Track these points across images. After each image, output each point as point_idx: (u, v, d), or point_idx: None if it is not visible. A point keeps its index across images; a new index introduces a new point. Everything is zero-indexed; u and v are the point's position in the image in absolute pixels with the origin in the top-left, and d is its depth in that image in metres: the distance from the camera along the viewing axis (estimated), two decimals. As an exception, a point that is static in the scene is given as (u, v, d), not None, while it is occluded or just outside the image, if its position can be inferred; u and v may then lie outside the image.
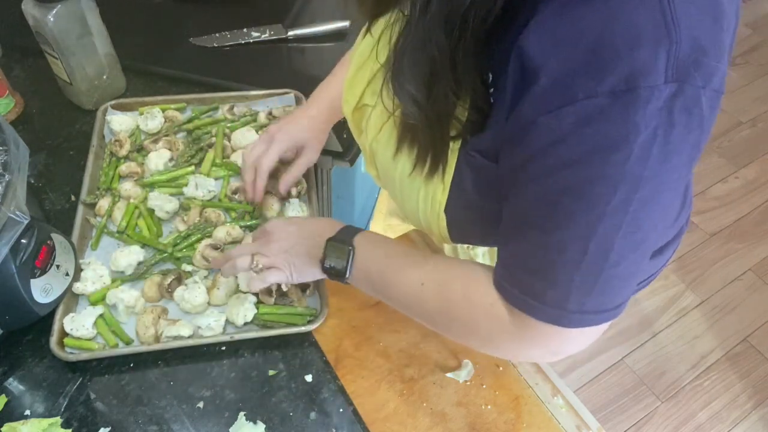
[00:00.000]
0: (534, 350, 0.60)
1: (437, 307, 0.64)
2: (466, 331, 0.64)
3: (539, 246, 0.53)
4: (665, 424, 1.75)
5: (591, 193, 0.48)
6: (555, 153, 0.47)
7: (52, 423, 0.69)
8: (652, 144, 0.45)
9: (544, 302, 0.54)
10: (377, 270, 0.69)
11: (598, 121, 0.44)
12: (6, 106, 1.02)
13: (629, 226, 0.49)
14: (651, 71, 0.42)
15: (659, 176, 0.47)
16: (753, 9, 3.09)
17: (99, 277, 0.80)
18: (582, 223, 0.49)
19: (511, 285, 0.57)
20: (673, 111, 0.44)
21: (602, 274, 0.51)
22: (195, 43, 1.18)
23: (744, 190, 2.32)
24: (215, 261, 0.81)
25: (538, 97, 0.47)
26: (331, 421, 0.71)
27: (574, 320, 0.55)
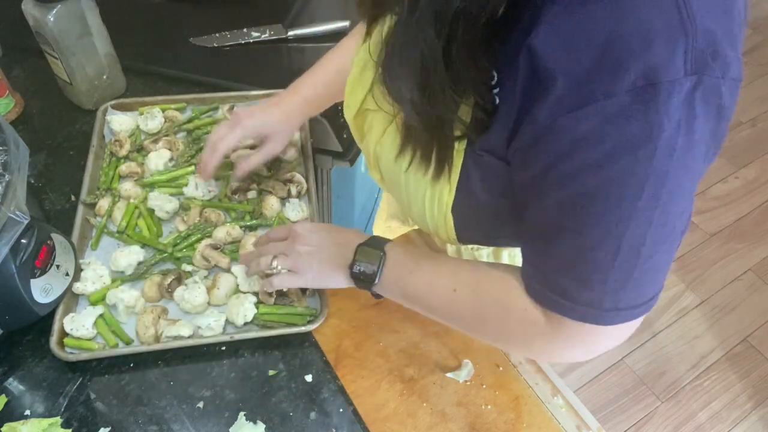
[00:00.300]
0: (571, 351, 0.61)
1: (471, 312, 0.65)
2: (502, 336, 0.65)
3: (571, 248, 0.53)
4: (665, 424, 1.75)
5: (619, 192, 0.48)
6: (578, 155, 0.47)
7: (52, 423, 0.69)
8: (677, 138, 0.45)
9: (579, 302, 0.54)
10: (408, 277, 0.69)
11: (620, 119, 0.44)
12: (6, 106, 1.02)
13: (659, 219, 0.49)
14: (670, 65, 0.42)
15: (684, 167, 0.47)
16: (753, 9, 3.09)
17: (99, 277, 0.80)
18: (612, 222, 0.49)
19: (543, 287, 0.57)
20: (695, 103, 0.44)
21: (635, 269, 0.52)
22: (195, 43, 1.18)
23: (744, 190, 2.32)
24: (244, 257, 0.81)
25: (555, 100, 0.46)
26: (331, 421, 0.71)
27: (610, 318, 0.55)
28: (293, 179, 0.93)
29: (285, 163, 0.98)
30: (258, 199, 0.92)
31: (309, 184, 0.94)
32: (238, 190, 0.93)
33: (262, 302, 0.80)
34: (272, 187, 0.92)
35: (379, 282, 0.69)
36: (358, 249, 0.70)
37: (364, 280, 0.70)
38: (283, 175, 0.94)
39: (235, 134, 0.86)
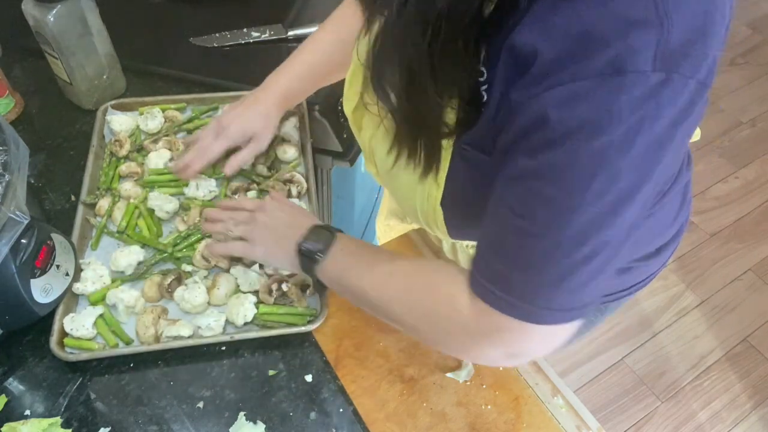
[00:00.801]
0: (491, 349, 0.58)
1: (399, 296, 0.64)
2: (423, 322, 0.63)
3: (513, 232, 0.51)
4: (665, 424, 1.75)
5: (569, 178, 0.46)
6: (537, 135, 0.46)
7: (52, 423, 0.69)
8: (637, 135, 0.44)
9: (512, 294, 0.52)
10: (349, 259, 0.69)
11: (582, 103, 0.44)
12: (6, 106, 1.02)
13: (605, 218, 0.47)
14: (638, 57, 0.42)
15: (640, 169, 0.46)
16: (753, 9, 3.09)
17: (99, 277, 0.80)
18: (557, 211, 0.48)
19: (481, 275, 0.55)
20: (661, 101, 0.43)
21: (575, 269, 0.50)
22: (195, 43, 1.18)
23: (744, 190, 2.32)
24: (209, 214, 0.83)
25: (527, 81, 0.46)
26: (331, 421, 0.71)
27: (539, 316, 0.52)
28: (293, 179, 0.93)
29: (285, 163, 0.98)
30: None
31: (309, 184, 0.94)
32: (238, 190, 0.93)
33: (262, 302, 0.80)
34: (272, 187, 0.92)
35: (323, 262, 0.69)
36: (312, 228, 0.72)
37: (310, 258, 0.70)
38: (283, 175, 0.94)
39: (221, 144, 0.89)
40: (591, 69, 0.43)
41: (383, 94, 0.55)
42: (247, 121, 0.89)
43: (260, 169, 0.96)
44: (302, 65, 0.90)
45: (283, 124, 1.01)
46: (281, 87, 0.90)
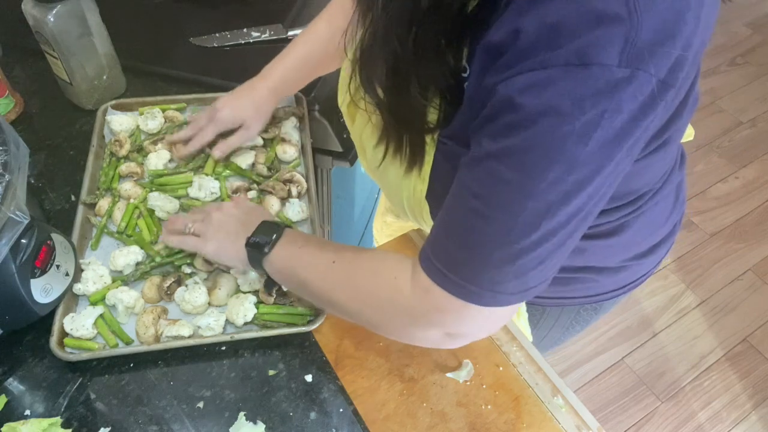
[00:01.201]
0: (431, 330, 0.59)
1: (342, 283, 0.65)
2: (365, 307, 0.64)
3: (467, 213, 0.52)
4: (665, 424, 1.75)
5: (528, 164, 0.47)
6: (501, 118, 0.47)
7: (52, 423, 0.69)
8: (597, 127, 0.44)
9: (458, 273, 0.53)
10: (296, 250, 0.71)
11: (547, 90, 0.44)
12: (6, 106, 1.02)
13: (557, 208, 0.48)
14: (605, 51, 0.43)
15: (596, 162, 0.46)
16: (753, 9, 3.09)
17: (99, 277, 0.80)
18: (513, 196, 0.49)
19: (431, 251, 0.56)
20: (623, 97, 0.44)
21: (521, 254, 0.50)
22: (195, 43, 1.18)
23: (744, 190, 2.32)
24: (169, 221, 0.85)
25: (499, 67, 0.47)
26: (331, 421, 0.71)
27: (484, 297, 0.53)
28: (293, 179, 0.93)
29: (285, 163, 0.98)
30: (258, 199, 0.92)
31: (309, 184, 0.94)
32: (238, 190, 0.93)
33: (262, 302, 0.80)
34: (272, 187, 0.92)
35: (269, 254, 0.71)
36: (262, 223, 0.74)
37: (256, 250, 0.72)
38: (283, 175, 0.94)
39: (213, 128, 0.93)
40: (558, 58, 0.44)
41: (370, 89, 0.57)
42: (239, 108, 0.93)
43: (260, 169, 0.96)
44: (297, 56, 0.93)
45: (283, 124, 1.01)
46: (276, 77, 0.93)
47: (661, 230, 0.79)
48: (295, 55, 0.93)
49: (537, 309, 0.86)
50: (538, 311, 0.87)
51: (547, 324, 0.90)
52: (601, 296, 0.84)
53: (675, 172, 0.75)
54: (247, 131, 0.94)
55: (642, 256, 0.80)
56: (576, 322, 0.91)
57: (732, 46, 2.88)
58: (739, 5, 3.11)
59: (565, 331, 0.94)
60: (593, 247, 0.74)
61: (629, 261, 0.79)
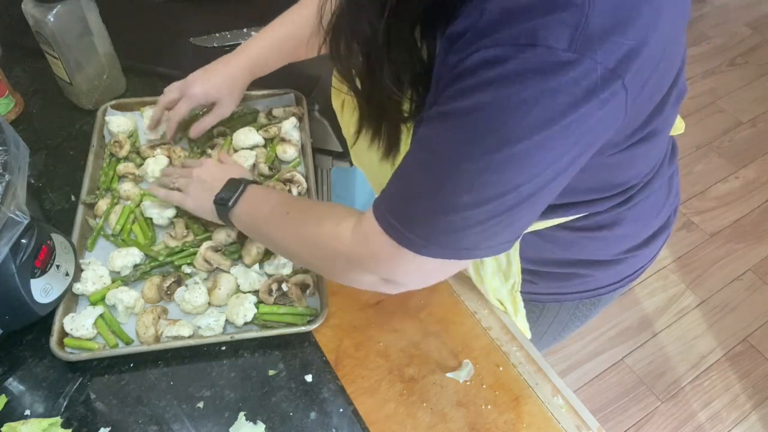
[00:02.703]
0: (366, 275, 0.64)
1: (294, 231, 0.70)
2: (308, 252, 0.70)
3: (411, 163, 0.56)
4: (665, 424, 1.75)
5: (467, 127, 0.49)
6: (455, 85, 0.50)
7: (52, 423, 0.69)
8: (535, 104, 0.46)
9: (395, 217, 0.57)
10: (257, 203, 0.76)
11: (495, 67, 0.46)
12: (6, 106, 1.02)
13: (492, 175, 0.50)
14: (553, 33, 0.44)
15: (535, 139, 0.48)
16: (753, 9, 3.09)
17: (99, 277, 0.80)
18: (450, 155, 0.51)
19: (381, 200, 0.59)
20: (565, 80, 0.45)
21: (452, 210, 0.53)
22: (195, 43, 1.18)
23: (744, 190, 2.32)
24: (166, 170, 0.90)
25: (461, 46, 0.49)
26: (331, 421, 0.71)
27: (414, 243, 0.56)
28: (293, 179, 0.93)
29: (285, 163, 0.98)
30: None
31: (309, 184, 0.94)
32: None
33: (262, 302, 0.80)
34: (273, 187, 0.92)
35: (234, 209, 0.77)
36: (228, 180, 0.79)
37: (222, 205, 0.78)
38: (283, 175, 0.94)
39: (185, 105, 0.93)
40: (509, 36, 0.45)
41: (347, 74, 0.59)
42: (212, 85, 0.92)
43: (262, 169, 0.96)
44: (275, 35, 0.93)
45: (283, 124, 1.01)
46: (251, 54, 0.93)
47: (655, 222, 0.80)
48: (273, 35, 0.93)
49: (536, 306, 0.86)
50: (537, 308, 0.87)
51: (546, 320, 0.90)
52: (599, 290, 0.84)
53: (666, 165, 0.76)
54: (221, 108, 0.94)
55: (637, 249, 0.80)
56: (575, 317, 0.91)
57: (732, 46, 2.88)
58: (739, 5, 3.11)
59: (564, 327, 0.94)
60: (586, 240, 0.74)
61: (625, 254, 0.80)
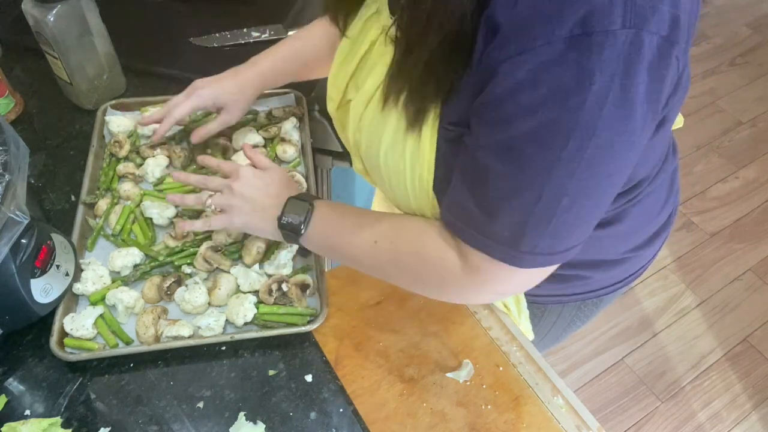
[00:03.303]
0: (482, 294, 0.65)
1: (390, 262, 0.68)
2: (418, 283, 0.69)
3: (498, 191, 0.55)
4: (665, 424, 1.75)
5: (546, 139, 0.49)
6: (513, 99, 0.48)
7: (52, 423, 0.69)
8: (608, 92, 0.45)
9: (500, 242, 0.57)
10: (332, 228, 0.72)
11: (555, 67, 0.45)
12: (6, 106, 1.02)
13: (583, 172, 0.50)
14: (607, 15, 0.43)
15: (615, 125, 0.47)
16: (753, 9, 3.09)
17: (99, 277, 0.80)
18: (538, 168, 0.51)
19: (467, 226, 0.59)
20: (630, 59, 0.44)
21: (555, 217, 0.53)
22: (195, 43, 1.18)
23: (744, 190, 2.32)
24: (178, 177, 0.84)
25: (499, 46, 0.48)
26: (331, 421, 0.71)
27: (526, 260, 0.57)
28: (293, 179, 0.93)
29: (285, 163, 0.98)
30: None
31: (309, 184, 0.94)
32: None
33: (262, 302, 0.80)
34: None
35: (305, 233, 0.72)
36: (288, 201, 0.73)
37: (291, 231, 0.73)
38: (283, 175, 0.94)
39: (191, 102, 0.88)
40: (561, 31, 0.44)
41: None
42: (221, 88, 0.89)
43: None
44: (289, 49, 0.92)
45: (283, 124, 1.01)
46: (264, 64, 0.91)
47: (657, 219, 0.80)
48: (287, 48, 0.92)
49: (538, 308, 0.86)
50: (539, 310, 0.87)
51: (548, 321, 0.90)
52: (601, 291, 0.84)
53: (669, 160, 0.76)
54: (228, 115, 0.91)
55: (639, 248, 0.80)
56: (577, 317, 0.91)
57: (732, 46, 2.88)
58: (739, 5, 3.11)
59: (567, 327, 0.94)
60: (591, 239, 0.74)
61: (628, 253, 0.80)
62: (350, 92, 0.72)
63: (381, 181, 0.72)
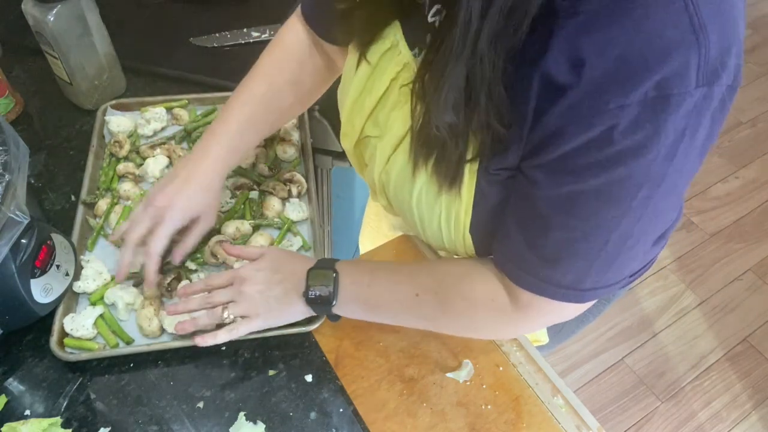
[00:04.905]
0: (535, 327, 0.67)
1: (437, 313, 0.67)
2: (471, 327, 0.69)
3: (561, 240, 0.55)
4: (665, 424, 1.75)
5: (617, 192, 0.50)
6: (584, 157, 0.49)
7: (52, 423, 0.69)
8: (679, 144, 0.46)
9: (562, 286, 0.58)
10: (367, 291, 0.70)
11: (629, 129, 0.45)
12: (6, 106, 1.02)
13: (649, 215, 0.52)
14: (683, 78, 0.43)
15: (680, 171, 0.49)
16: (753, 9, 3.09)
17: (99, 274, 0.80)
18: (606, 219, 0.52)
19: (525, 272, 0.60)
20: (702, 112, 0.45)
21: (619, 257, 0.55)
22: (195, 43, 1.18)
23: (744, 190, 2.32)
24: (184, 303, 0.74)
25: (567, 109, 0.47)
26: (331, 421, 0.71)
27: (589, 296, 0.58)
28: (293, 179, 0.93)
29: (285, 163, 0.98)
30: (259, 200, 0.92)
31: (309, 184, 0.94)
32: (241, 187, 0.93)
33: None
34: (273, 187, 0.92)
35: (338, 302, 0.70)
36: (310, 273, 0.70)
37: (322, 303, 0.70)
38: (283, 175, 0.94)
39: (164, 231, 0.75)
40: (635, 95, 0.44)
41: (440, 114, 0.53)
42: (188, 200, 0.76)
43: (261, 169, 0.96)
44: (240, 119, 0.79)
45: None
46: (220, 151, 0.78)
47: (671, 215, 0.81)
48: (237, 119, 0.79)
49: None
50: None
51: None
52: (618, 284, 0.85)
53: None
54: (204, 223, 0.79)
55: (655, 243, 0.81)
56: (590, 312, 0.91)
57: (732, 46, 2.88)
58: (739, 5, 3.11)
59: (579, 324, 0.95)
60: None
61: None
62: (369, 129, 0.70)
63: (411, 220, 0.69)
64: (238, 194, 0.93)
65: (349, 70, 0.70)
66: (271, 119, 0.83)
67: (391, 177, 0.68)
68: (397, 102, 0.65)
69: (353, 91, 0.69)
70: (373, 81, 0.66)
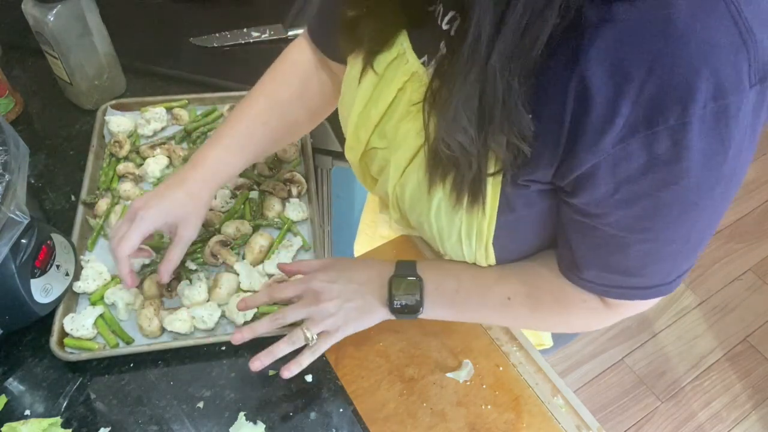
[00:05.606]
0: (619, 319, 0.68)
1: (530, 315, 0.70)
2: (561, 325, 0.74)
3: (640, 253, 0.56)
4: (665, 424, 1.75)
5: (692, 198, 0.50)
6: (653, 174, 0.48)
7: (52, 423, 0.69)
8: (743, 142, 0.47)
9: (649, 287, 0.60)
10: (455, 297, 0.70)
11: (694, 140, 0.45)
12: (6, 106, 1.02)
13: (724, 205, 0.53)
14: (738, 82, 0.43)
15: (746, 162, 0.50)
16: (753, 9, 3.09)
17: (99, 274, 0.80)
18: (686, 224, 0.53)
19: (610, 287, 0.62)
20: (759, 108, 0.46)
21: (700, 245, 0.57)
22: (195, 43, 1.18)
23: (744, 190, 2.32)
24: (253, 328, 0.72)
25: (622, 126, 0.46)
26: (331, 421, 0.71)
27: (674, 285, 0.61)
28: (293, 179, 0.93)
29: (285, 163, 0.98)
30: (259, 200, 0.92)
31: (309, 184, 0.94)
32: (241, 188, 0.93)
33: (262, 302, 0.79)
34: (273, 187, 0.92)
35: (424, 309, 0.70)
36: (393, 282, 0.69)
37: (409, 312, 0.69)
38: (283, 174, 0.94)
39: (137, 231, 0.71)
40: (694, 107, 0.43)
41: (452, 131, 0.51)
42: (168, 203, 0.72)
43: (261, 169, 0.96)
44: (236, 134, 0.78)
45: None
46: (211, 162, 0.76)
47: None
48: (233, 134, 0.77)
49: None
50: None
51: None
52: None
53: None
54: (186, 231, 0.74)
55: None
56: None
57: (732, 46, 2.88)
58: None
59: None
60: None
61: None
62: (375, 140, 0.68)
63: (429, 234, 0.68)
64: (238, 194, 0.93)
65: (351, 82, 0.69)
66: (271, 135, 0.81)
67: (406, 191, 0.66)
68: (406, 113, 0.63)
69: (359, 102, 0.67)
70: (379, 91, 0.65)
